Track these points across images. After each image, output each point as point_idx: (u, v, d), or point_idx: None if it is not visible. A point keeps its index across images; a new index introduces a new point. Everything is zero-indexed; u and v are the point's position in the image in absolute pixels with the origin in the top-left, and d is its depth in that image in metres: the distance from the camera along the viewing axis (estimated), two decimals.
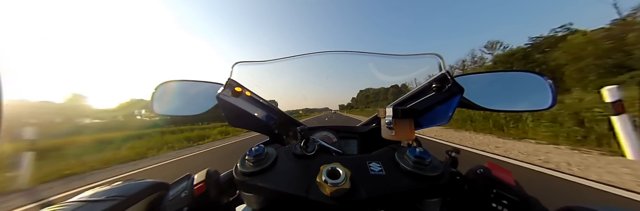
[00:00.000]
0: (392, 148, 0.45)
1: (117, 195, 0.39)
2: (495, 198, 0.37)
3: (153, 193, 0.45)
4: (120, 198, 0.39)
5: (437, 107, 0.62)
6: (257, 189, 0.38)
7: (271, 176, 0.38)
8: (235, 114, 0.71)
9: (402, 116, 0.55)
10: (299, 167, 0.40)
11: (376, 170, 0.39)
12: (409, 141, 0.66)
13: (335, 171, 0.34)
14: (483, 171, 0.42)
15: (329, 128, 0.81)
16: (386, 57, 0.73)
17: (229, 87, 0.67)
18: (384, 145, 0.50)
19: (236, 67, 0.68)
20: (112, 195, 0.39)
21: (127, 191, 0.41)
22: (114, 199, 0.38)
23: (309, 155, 0.43)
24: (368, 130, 0.78)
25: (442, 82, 0.59)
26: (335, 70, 0.91)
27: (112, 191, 0.41)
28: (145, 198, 0.43)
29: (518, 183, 0.41)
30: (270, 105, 0.83)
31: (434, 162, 0.38)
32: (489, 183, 0.39)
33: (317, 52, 0.76)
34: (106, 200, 0.37)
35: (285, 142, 0.83)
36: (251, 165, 0.39)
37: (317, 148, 0.45)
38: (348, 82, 9.77)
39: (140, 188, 0.43)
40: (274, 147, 0.47)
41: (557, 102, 0.59)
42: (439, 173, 0.36)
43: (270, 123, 0.85)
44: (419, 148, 0.39)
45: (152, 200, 0.44)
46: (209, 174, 0.47)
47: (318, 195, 0.33)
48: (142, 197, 0.42)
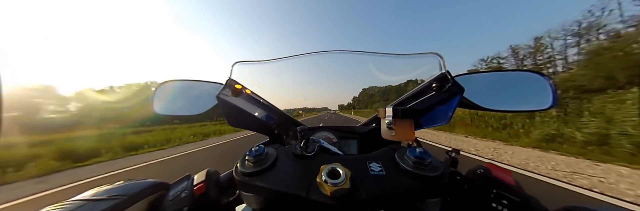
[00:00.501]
0: (392, 149, 0.45)
1: (118, 194, 0.40)
2: (495, 198, 0.38)
3: (153, 193, 0.45)
4: (121, 197, 0.39)
5: (437, 107, 0.62)
6: (257, 189, 0.38)
7: (271, 177, 0.38)
8: (235, 114, 0.71)
9: (402, 116, 0.55)
10: (299, 167, 0.40)
11: (376, 170, 0.39)
12: (409, 141, 0.66)
13: (336, 172, 0.34)
14: (483, 171, 0.42)
15: (329, 128, 0.81)
16: (386, 56, 0.73)
17: (229, 86, 0.67)
18: (383, 146, 0.50)
19: (236, 66, 0.68)
20: (114, 194, 0.40)
21: (128, 191, 0.42)
22: (115, 198, 0.38)
23: (309, 155, 0.43)
24: (368, 131, 0.78)
25: (442, 82, 0.58)
26: (335, 69, 0.91)
27: (113, 191, 0.41)
28: (146, 198, 0.43)
29: (518, 183, 0.41)
30: (270, 105, 0.83)
31: (434, 162, 0.38)
32: (489, 183, 0.39)
33: (317, 51, 0.76)
34: (107, 199, 0.38)
35: (285, 142, 0.83)
36: (251, 165, 0.40)
37: (317, 149, 0.45)
38: (348, 82, 9.69)
39: (140, 188, 0.44)
40: (274, 147, 0.47)
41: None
42: (439, 173, 0.36)
43: (270, 123, 0.85)
44: (419, 149, 0.39)
45: (152, 199, 0.44)
46: (209, 174, 0.47)
47: (318, 195, 0.33)
48: (142, 197, 0.42)
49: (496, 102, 0.62)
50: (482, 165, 0.44)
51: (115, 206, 0.37)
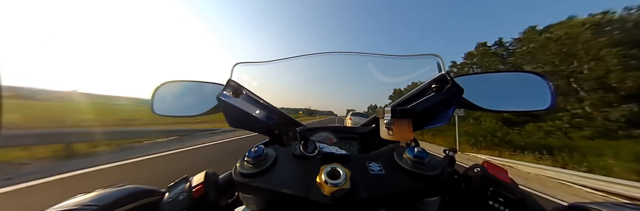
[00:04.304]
0: (390, 148, 0.45)
1: (90, 203, 0.38)
2: (492, 196, 0.38)
3: (138, 200, 0.43)
4: (93, 207, 0.37)
5: (436, 107, 0.62)
6: (257, 190, 0.37)
7: (271, 178, 0.38)
8: (235, 114, 0.71)
9: (400, 116, 0.55)
10: (298, 168, 0.40)
11: (376, 169, 0.39)
12: (408, 141, 0.66)
13: (335, 172, 0.34)
14: (480, 170, 0.42)
15: (329, 128, 0.81)
16: (386, 57, 0.74)
17: (229, 87, 0.67)
18: (383, 146, 0.50)
19: (236, 67, 0.68)
20: (85, 204, 0.38)
21: (102, 200, 0.40)
22: (87, 208, 0.37)
23: (309, 156, 0.43)
24: (368, 131, 0.78)
25: (442, 83, 0.59)
26: (336, 71, 0.91)
27: (85, 201, 0.39)
28: (126, 205, 0.41)
29: (513, 182, 0.42)
30: (270, 106, 0.83)
31: (432, 161, 0.39)
32: (485, 181, 0.40)
33: (317, 52, 0.77)
34: (79, 209, 0.36)
35: (285, 143, 0.84)
36: (251, 166, 0.39)
37: (317, 149, 0.45)
38: (355, 85, 9.03)
39: (120, 196, 0.42)
40: (273, 147, 0.47)
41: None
42: (437, 172, 0.37)
43: (270, 123, 0.85)
44: (417, 148, 0.39)
45: (138, 206, 0.43)
46: (208, 176, 0.46)
47: (318, 196, 0.33)
48: (120, 204, 0.40)
49: (495, 103, 0.63)
50: (478, 164, 0.45)
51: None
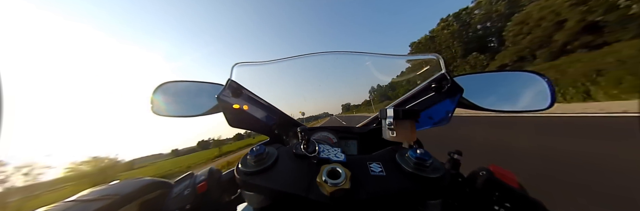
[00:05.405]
0: (393, 149, 0.45)
1: (111, 194, 0.40)
2: (497, 200, 0.37)
3: (152, 192, 0.45)
4: (114, 197, 0.39)
5: (437, 107, 0.62)
6: (258, 188, 0.38)
7: (272, 176, 0.38)
8: (236, 114, 0.71)
9: (403, 117, 0.55)
10: (299, 167, 0.40)
11: (376, 170, 0.39)
12: (410, 142, 0.66)
13: (336, 172, 0.35)
14: (485, 173, 0.41)
15: (329, 128, 0.81)
16: (386, 57, 0.73)
17: (229, 87, 0.67)
18: (384, 146, 0.50)
19: (236, 67, 0.68)
20: (106, 194, 0.40)
21: (122, 190, 0.41)
22: (108, 198, 0.38)
23: (310, 155, 0.43)
24: (368, 131, 0.78)
25: (442, 82, 0.59)
26: (336, 71, 0.91)
27: (106, 191, 0.41)
28: (143, 196, 0.43)
29: (522, 186, 0.40)
30: (270, 106, 0.83)
31: (435, 164, 0.38)
32: (491, 185, 0.39)
33: (316, 52, 0.77)
34: (100, 200, 0.38)
35: (285, 142, 0.83)
36: (252, 165, 0.40)
37: (317, 149, 0.45)
38: (350, 84, 9.43)
39: (137, 187, 0.44)
40: (275, 146, 0.47)
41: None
42: (440, 175, 0.36)
43: (270, 123, 0.85)
44: (420, 150, 0.39)
45: (152, 198, 0.44)
46: (212, 173, 0.47)
47: (318, 195, 0.33)
48: (138, 196, 0.42)
49: (495, 102, 0.63)
50: (484, 166, 0.44)
51: (109, 206, 0.37)
